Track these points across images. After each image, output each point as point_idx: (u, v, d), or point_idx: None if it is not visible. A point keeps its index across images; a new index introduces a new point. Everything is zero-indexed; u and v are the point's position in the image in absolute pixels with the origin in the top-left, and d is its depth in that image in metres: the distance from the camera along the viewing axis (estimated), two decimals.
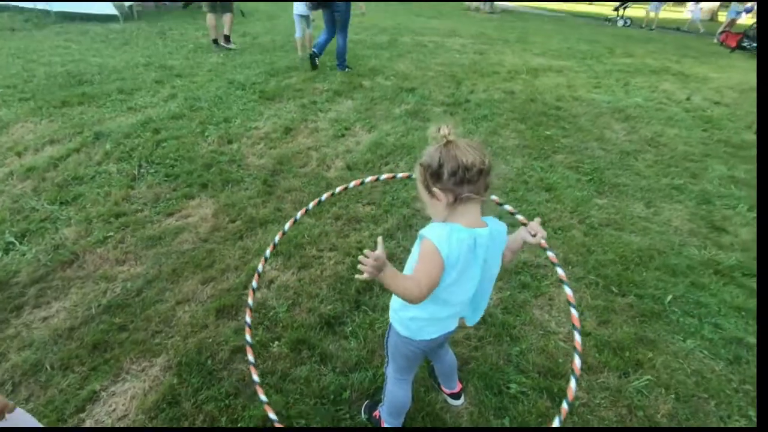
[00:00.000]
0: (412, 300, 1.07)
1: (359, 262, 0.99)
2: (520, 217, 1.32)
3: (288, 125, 4.19)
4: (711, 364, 1.89)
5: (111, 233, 2.49)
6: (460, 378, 1.69)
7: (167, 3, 11.81)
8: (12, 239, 2.38)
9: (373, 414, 1.56)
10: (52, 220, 2.59)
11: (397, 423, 1.49)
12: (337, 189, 1.44)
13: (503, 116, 4.93)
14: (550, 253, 1.37)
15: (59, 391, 1.58)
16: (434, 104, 5.18)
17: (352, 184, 1.36)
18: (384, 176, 1.48)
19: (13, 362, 1.67)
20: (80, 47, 6.77)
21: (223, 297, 2.06)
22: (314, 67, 6.17)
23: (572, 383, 1.23)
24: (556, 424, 1.19)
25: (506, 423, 1.58)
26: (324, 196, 1.44)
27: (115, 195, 2.86)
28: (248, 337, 1.34)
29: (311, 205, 1.37)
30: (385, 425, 1.50)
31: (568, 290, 1.29)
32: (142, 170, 3.22)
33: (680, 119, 5.30)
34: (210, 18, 6.81)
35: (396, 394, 1.43)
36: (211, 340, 1.83)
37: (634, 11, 17.34)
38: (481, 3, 17.01)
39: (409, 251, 1.27)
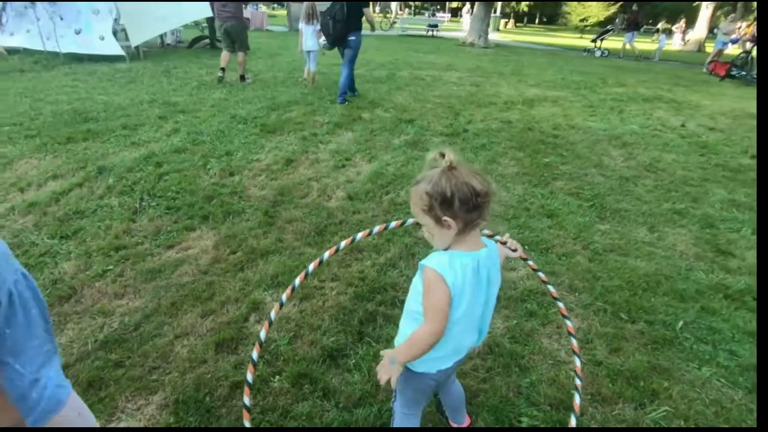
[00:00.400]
0: (435, 342, 1.09)
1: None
2: (498, 237, 1.31)
3: (289, 157, 4.24)
4: (729, 393, 1.82)
5: (110, 267, 2.47)
6: (469, 411, 1.63)
7: (171, 44, 12.26)
8: None
9: None
10: (52, 254, 2.57)
11: None
12: (359, 235, 1.31)
13: (501, 145, 4.99)
14: (530, 263, 1.49)
15: None
16: (433, 134, 5.26)
17: (376, 229, 1.30)
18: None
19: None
20: (87, 86, 6.95)
21: (222, 330, 2.01)
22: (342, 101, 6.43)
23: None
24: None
25: None
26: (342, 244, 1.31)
27: (116, 228, 2.85)
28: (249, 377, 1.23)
29: (343, 243, 1.28)
30: None
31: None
32: (143, 203, 3.22)
33: (676, 145, 5.37)
34: (225, 54, 7.59)
35: (406, 428, 1.37)
36: (210, 375, 1.77)
37: (611, 43, 18.23)
38: (476, 38, 17.62)
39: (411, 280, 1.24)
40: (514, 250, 1.32)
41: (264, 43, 14.49)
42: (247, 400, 1.18)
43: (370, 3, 6.27)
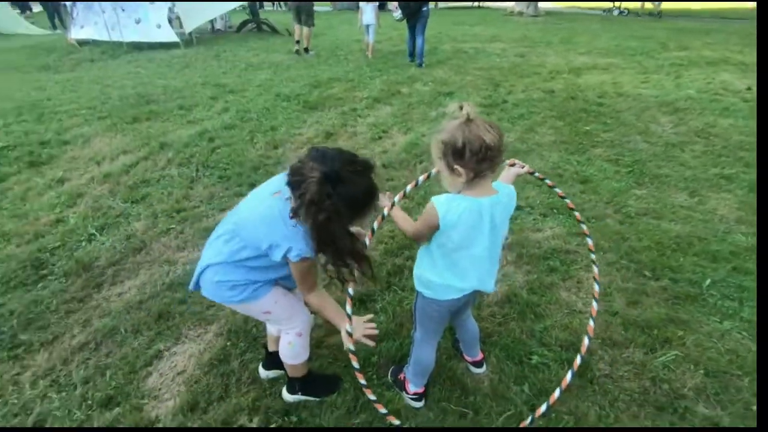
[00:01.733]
0: (407, 234, 1.39)
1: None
2: (507, 161, 1.55)
3: (329, 130, 4.46)
4: (748, 344, 1.84)
5: (173, 225, 2.82)
6: (482, 349, 1.78)
7: (221, 29, 12.79)
8: (94, 231, 2.76)
9: (398, 376, 1.69)
10: (125, 215, 2.96)
11: (421, 383, 1.61)
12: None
13: (540, 114, 4.92)
14: (548, 181, 1.73)
15: (131, 349, 1.85)
16: None
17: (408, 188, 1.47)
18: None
19: (96, 327, 1.98)
20: (148, 72, 7.53)
21: None
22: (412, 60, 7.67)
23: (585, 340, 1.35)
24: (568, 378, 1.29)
25: (525, 389, 1.65)
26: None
27: (177, 194, 3.22)
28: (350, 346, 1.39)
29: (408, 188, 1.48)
30: (409, 386, 1.62)
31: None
32: (199, 173, 3.58)
33: (737, 109, 5.00)
34: (297, 28, 8.60)
35: (421, 356, 1.55)
36: None
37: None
38: (524, 6, 16.82)
39: None
40: (522, 167, 1.58)
41: None
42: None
43: None
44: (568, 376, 1.36)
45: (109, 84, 6.66)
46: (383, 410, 1.34)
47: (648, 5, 16.49)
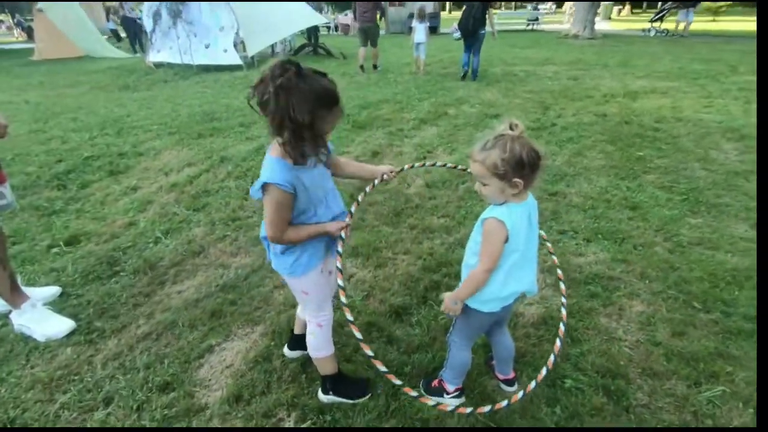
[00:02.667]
0: (485, 279, 1.35)
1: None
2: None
3: (375, 149, 4.63)
4: None
5: (228, 233, 3.06)
6: (515, 369, 1.79)
7: (280, 52, 13.62)
8: (160, 234, 3.05)
9: (431, 384, 1.75)
10: (187, 221, 3.25)
11: (459, 382, 1.69)
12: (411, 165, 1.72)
13: (591, 138, 4.83)
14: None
15: (187, 342, 2.04)
16: None
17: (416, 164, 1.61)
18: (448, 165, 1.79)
19: (158, 319, 2.19)
20: (213, 91, 8.18)
21: None
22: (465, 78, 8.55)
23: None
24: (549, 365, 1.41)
25: (557, 411, 1.64)
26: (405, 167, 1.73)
27: (233, 204, 3.48)
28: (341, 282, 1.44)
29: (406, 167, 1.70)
30: (448, 386, 1.69)
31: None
32: None
33: None
34: (362, 50, 9.71)
35: (459, 357, 1.63)
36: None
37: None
38: (580, 29, 16.55)
39: None
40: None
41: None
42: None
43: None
44: (532, 384, 1.38)
45: (179, 102, 7.30)
46: (383, 368, 1.34)
47: (681, 26, 17.20)
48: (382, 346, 1.98)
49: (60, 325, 2.11)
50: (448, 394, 1.69)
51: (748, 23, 22.15)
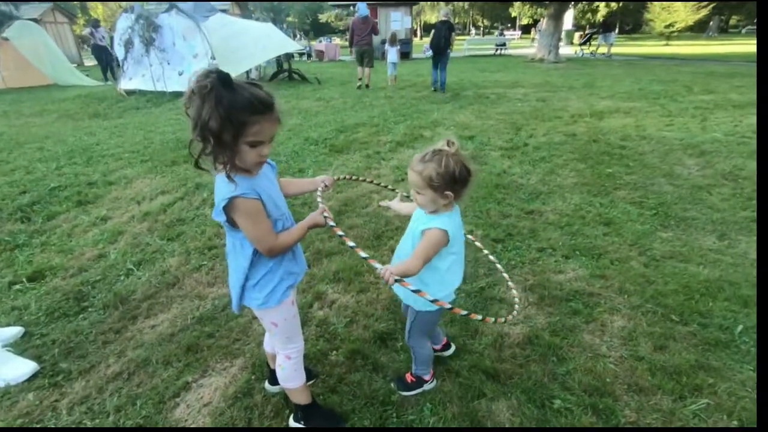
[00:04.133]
0: (413, 274, 1.37)
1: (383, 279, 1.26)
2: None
3: (353, 173, 4.64)
4: None
5: (204, 262, 2.96)
6: (502, 392, 1.78)
7: (255, 78, 13.66)
8: (131, 266, 2.93)
9: (407, 381, 1.84)
10: (161, 252, 3.14)
11: (430, 369, 1.82)
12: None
13: (562, 157, 4.98)
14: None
15: (161, 380, 1.93)
16: (492, 149, 5.39)
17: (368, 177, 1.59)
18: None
19: (130, 357, 2.07)
20: (187, 118, 8.06)
21: None
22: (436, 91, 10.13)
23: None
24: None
25: None
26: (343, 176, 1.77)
27: (209, 232, 3.39)
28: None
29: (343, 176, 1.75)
30: (424, 377, 1.82)
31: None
32: None
33: None
34: (360, 69, 10.86)
35: (423, 352, 1.77)
36: None
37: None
38: (545, 53, 17.32)
39: None
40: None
41: (336, 73, 15.57)
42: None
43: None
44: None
45: (152, 129, 7.17)
46: (363, 254, 1.28)
47: (602, 48, 20.72)
48: (368, 374, 1.93)
49: (21, 368, 1.97)
50: (426, 382, 1.83)
51: (697, 47, 23.72)
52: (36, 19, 20.25)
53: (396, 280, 1.24)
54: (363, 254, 1.27)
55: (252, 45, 11.10)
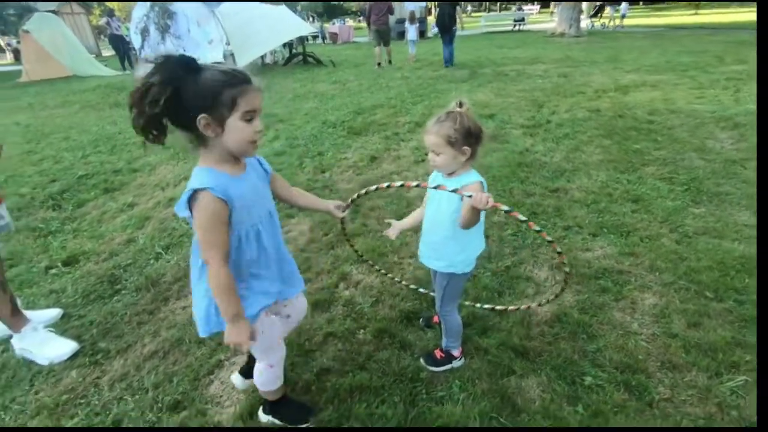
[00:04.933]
0: (475, 221, 1.44)
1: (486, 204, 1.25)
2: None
3: (373, 154, 4.61)
4: None
5: None
6: (531, 369, 1.77)
7: (269, 63, 13.64)
8: (160, 250, 3.00)
9: (436, 357, 1.84)
10: (188, 236, 3.19)
11: (460, 344, 1.84)
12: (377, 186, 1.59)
13: (587, 134, 4.84)
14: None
15: (195, 358, 1.99)
16: (513, 127, 5.27)
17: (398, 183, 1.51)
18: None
19: (164, 337, 2.14)
20: None
21: (317, 294, 2.38)
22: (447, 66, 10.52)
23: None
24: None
25: (579, 410, 1.60)
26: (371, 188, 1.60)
27: None
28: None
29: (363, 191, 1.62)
30: (454, 352, 1.83)
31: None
32: None
33: None
34: (377, 49, 11.25)
35: (455, 322, 1.78)
36: (308, 326, 2.13)
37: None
38: (566, 27, 16.72)
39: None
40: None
41: (351, 55, 15.39)
42: None
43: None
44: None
45: None
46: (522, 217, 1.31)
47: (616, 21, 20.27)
48: (396, 352, 1.94)
49: (63, 348, 2.05)
50: (455, 358, 1.83)
51: (729, 15, 22.46)
52: (54, 10, 20.55)
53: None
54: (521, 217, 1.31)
55: (266, 30, 11.03)
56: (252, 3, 11.80)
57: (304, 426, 1.61)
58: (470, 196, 1.28)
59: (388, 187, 1.50)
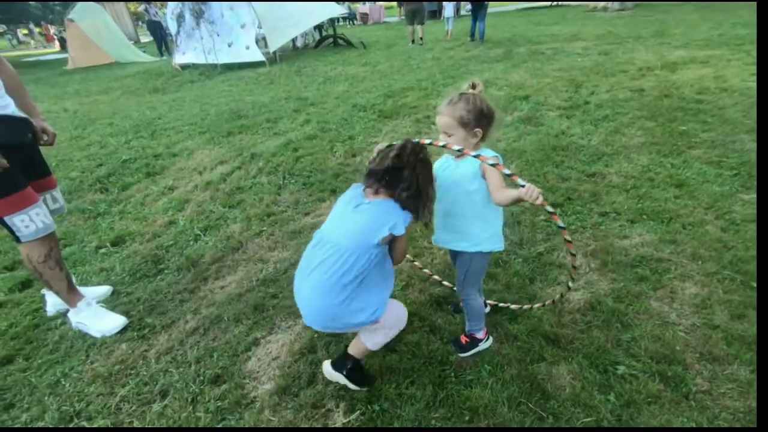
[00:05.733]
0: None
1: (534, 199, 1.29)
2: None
3: (404, 138, 4.58)
4: None
5: (264, 228, 3.11)
6: (563, 357, 1.76)
7: (300, 47, 13.66)
8: (199, 232, 3.13)
9: (462, 343, 1.86)
10: (224, 218, 3.32)
11: (483, 326, 1.85)
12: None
13: (628, 115, 4.62)
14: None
15: (233, 336, 2.09)
16: (549, 109, 5.10)
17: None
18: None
19: (204, 314, 2.26)
20: (238, 89, 8.30)
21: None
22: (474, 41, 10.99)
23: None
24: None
25: (611, 399, 1.59)
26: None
27: (267, 200, 3.53)
28: None
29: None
30: (478, 335, 1.84)
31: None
32: (285, 181, 3.89)
33: None
34: (410, 28, 11.78)
35: (477, 305, 1.79)
36: None
37: None
38: (609, 1, 15.80)
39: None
40: None
41: (381, 36, 15.18)
42: None
43: None
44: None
45: (207, 102, 7.45)
46: (507, 171, 1.36)
47: None
48: (425, 335, 1.97)
49: (114, 322, 2.20)
50: (481, 340, 1.85)
51: None
52: None
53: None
54: (507, 171, 1.35)
55: (296, 12, 11.03)
56: None
57: (365, 389, 1.72)
58: (523, 186, 1.29)
59: (443, 146, 1.47)
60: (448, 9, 12.68)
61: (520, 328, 1.94)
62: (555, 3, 21.46)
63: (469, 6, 11.36)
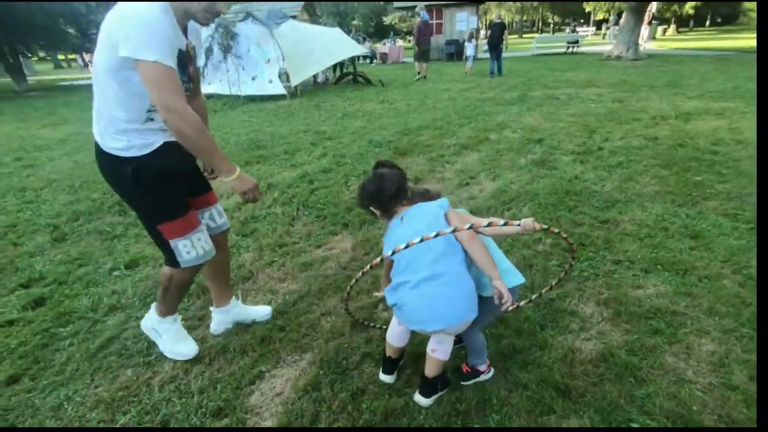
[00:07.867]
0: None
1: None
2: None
3: (417, 176, 4.65)
4: None
5: (276, 258, 3.13)
6: (573, 410, 1.70)
7: (320, 82, 14.16)
8: None
9: (462, 370, 1.91)
10: (237, 247, 3.36)
11: (485, 359, 1.88)
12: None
13: (642, 163, 4.64)
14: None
15: (239, 367, 2.07)
16: (563, 153, 5.15)
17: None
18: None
19: (211, 344, 2.25)
20: (258, 120, 8.57)
21: (356, 313, 2.42)
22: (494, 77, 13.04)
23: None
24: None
25: None
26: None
27: (280, 230, 3.58)
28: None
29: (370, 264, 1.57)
30: (481, 366, 1.88)
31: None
32: (299, 212, 3.95)
33: None
34: (417, 65, 13.82)
35: (480, 342, 1.84)
36: (346, 345, 2.17)
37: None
38: (623, 50, 16.20)
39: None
40: None
41: (399, 75, 15.68)
42: None
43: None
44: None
45: (228, 131, 7.69)
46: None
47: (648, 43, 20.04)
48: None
49: (189, 349, 2.13)
50: (482, 372, 1.88)
51: None
52: None
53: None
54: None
55: (319, 49, 11.51)
56: (308, 24, 12.40)
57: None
58: (519, 224, 1.42)
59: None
60: (470, 48, 14.84)
61: (530, 377, 1.89)
62: (570, 50, 22.06)
63: (485, 47, 13.74)
